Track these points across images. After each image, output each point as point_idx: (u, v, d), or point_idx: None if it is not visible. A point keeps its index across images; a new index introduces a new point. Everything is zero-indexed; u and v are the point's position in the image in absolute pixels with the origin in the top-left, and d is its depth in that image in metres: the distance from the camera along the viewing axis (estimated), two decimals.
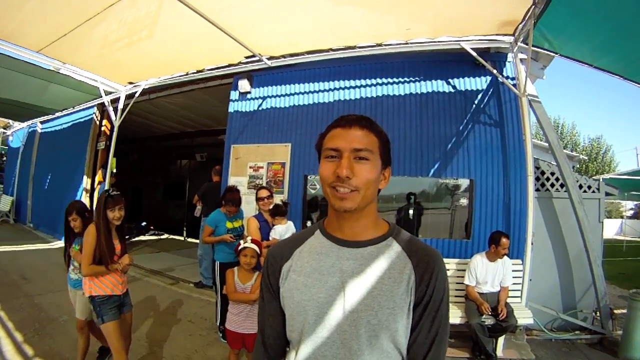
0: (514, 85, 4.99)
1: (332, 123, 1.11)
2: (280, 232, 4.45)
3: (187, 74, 6.66)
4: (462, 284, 4.60)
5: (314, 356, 1.04)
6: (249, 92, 6.77)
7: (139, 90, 7.26)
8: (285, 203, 4.69)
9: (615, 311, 5.17)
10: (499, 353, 4.37)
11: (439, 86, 5.65)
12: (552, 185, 5.46)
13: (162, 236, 12.95)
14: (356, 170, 1.01)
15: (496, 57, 5.39)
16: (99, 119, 9.91)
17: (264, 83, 6.72)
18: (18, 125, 13.83)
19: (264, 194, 4.63)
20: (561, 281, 5.40)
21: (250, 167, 6.54)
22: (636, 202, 28.20)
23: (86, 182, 9.85)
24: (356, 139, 1.03)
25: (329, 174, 1.03)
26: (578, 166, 23.56)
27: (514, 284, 4.62)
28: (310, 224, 5.87)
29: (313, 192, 6.01)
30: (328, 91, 6.22)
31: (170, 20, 4.73)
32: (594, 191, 5.51)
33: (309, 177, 6.04)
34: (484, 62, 4.98)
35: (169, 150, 15.21)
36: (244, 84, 6.66)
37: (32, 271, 6.81)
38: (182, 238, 12.60)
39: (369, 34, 5.02)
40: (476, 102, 5.46)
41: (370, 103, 5.92)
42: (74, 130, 10.74)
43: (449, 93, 5.60)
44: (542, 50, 4.75)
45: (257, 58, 5.78)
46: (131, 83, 7.41)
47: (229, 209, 4.56)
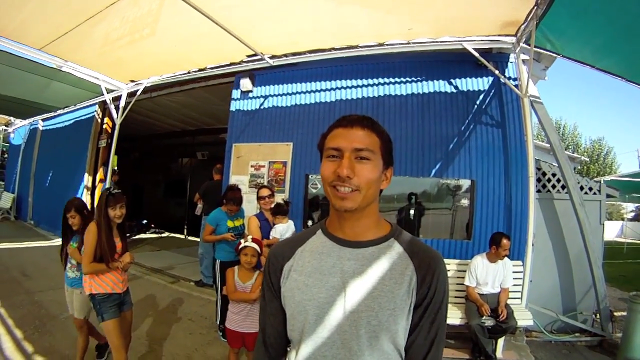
0: (516, 86, 4.99)
1: (333, 123, 1.11)
2: (281, 231, 4.45)
3: (189, 72, 6.66)
4: (463, 284, 4.59)
5: (314, 356, 1.04)
6: (251, 91, 6.77)
7: (141, 88, 7.26)
8: (286, 202, 4.69)
9: (615, 313, 5.17)
10: (499, 354, 4.36)
11: (441, 86, 5.65)
12: (554, 186, 5.45)
13: (163, 234, 12.94)
14: (357, 170, 1.01)
15: (498, 57, 5.38)
16: (100, 116, 9.93)
17: (265, 82, 6.72)
18: (19, 122, 13.86)
19: (265, 193, 4.63)
20: (561, 283, 5.40)
21: (252, 166, 6.54)
22: (637, 205, 28.18)
23: (87, 179, 9.87)
24: (357, 139, 1.03)
25: (330, 173, 1.03)
26: (579, 168, 23.57)
27: (514, 285, 4.61)
28: (311, 223, 5.88)
29: (314, 191, 6.00)
30: (330, 90, 6.22)
31: (172, 18, 4.73)
32: (595, 193, 5.51)
33: (310, 176, 6.04)
34: (486, 62, 4.97)
35: (170, 149, 15.22)
36: (245, 83, 6.66)
37: (33, 268, 6.82)
38: (182, 236, 12.58)
39: (370, 33, 5.01)
40: (478, 102, 5.46)
41: (371, 103, 5.92)
42: (76, 128, 10.76)
43: (450, 93, 5.60)
44: (544, 51, 4.73)
45: (259, 57, 5.77)
46: (133, 81, 7.42)
47: (230, 208, 4.56)
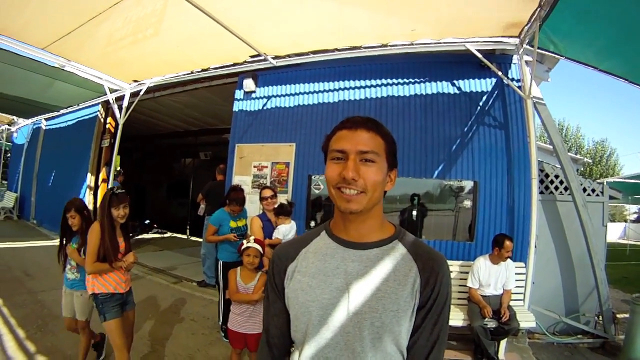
0: (519, 87, 4.99)
1: (338, 124, 1.11)
2: (284, 232, 4.46)
3: (192, 72, 6.67)
4: (465, 286, 4.58)
5: (317, 357, 1.04)
6: (254, 92, 6.78)
7: (144, 88, 7.27)
8: (290, 203, 4.70)
9: (618, 315, 5.17)
10: (501, 356, 4.35)
11: (444, 87, 5.64)
12: (556, 188, 5.44)
13: (166, 234, 12.98)
14: (362, 172, 1.01)
15: (501, 59, 5.38)
16: (103, 116, 9.95)
17: (268, 82, 6.72)
18: (23, 121, 13.90)
19: (267, 193, 4.64)
20: (564, 285, 5.39)
21: (255, 167, 6.55)
22: None
23: (90, 179, 9.88)
24: (362, 141, 1.03)
25: (335, 175, 1.03)
26: (582, 169, 23.53)
27: (516, 287, 4.60)
28: (314, 224, 5.88)
29: (317, 192, 6.00)
30: (333, 91, 6.22)
31: (176, 18, 4.74)
32: (597, 194, 5.49)
33: (313, 177, 6.04)
34: (489, 63, 4.96)
35: (173, 149, 15.25)
36: (248, 83, 6.66)
37: (36, 267, 6.83)
38: (185, 236, 12.61)
39: (374, 34, 5.02)
40: (481, 103, 5.45)
41: (375, 104, 5.91)
42: (79, 128, 10.78)
43: (453, 94, 5.59)
44: (547, 53, 4.72)
45: (262, 57, 5.78)
46: (136, 81, 7.43)
47: (232, 208, 4.57)
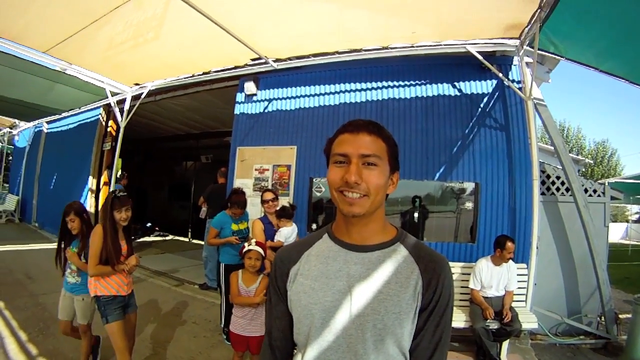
0: (520, 88, 4.99)
1: (340, 128, 1.11)
2: (286, 235, 4.47)
3: (193, 75, 6.69)
4: (467, 287, 4.58)
5: (319, 359, 1.04)
6: (255, 94, 6.78)
7: (145, 91, 7.28)
8: (292, 206, 4.71)
9: (620, 316, 5.14)
10: (503, 357, 4.34)
11: (445, 89, 5.65)
12: (558, 189, 5.44)
13: (167, 237, 12.99)
14: (365, 175, 1.02)
15: (502, 60, 5.37)
16: (104, 119, 9.97)
17: (270, 85, 6.73)
18: (24, 125, 13.94)
19: (268, 196, 4.65)
20: (566, 285, 5.38)
21: (256, 170, 6.55)
22: None
23: (92, 182, 9.89)
24: (364, 145, 1.04)
25: (338, 179, 1.04)
26: (583, 170, 23.50)
27: (518, 288, 4.60)
28: (315, 226, 5.89)
29: (318, 194, 6.01)
30: (334, 94, 6.22)
31: (176, 22, 4.76)
32: (599, 195, 5.49)
33: (314, 179, 6.04)
34: (489, 65, 4.96)
35: (174, 152, 15.26)
36: (249, 86, 6.68)
37: (37, 270, 6.84)
38: (187, 239, 12.62)
39: (374, 37, 5.03)
40: (482, 105, 5.45)
41: (375, 106, 5.92)
42: (80, 131, 10.81)
43: (454, 96, 5.59)
44: (547, 54, 4.73)
45: (263, 60, 5.79)
46: (137, 84, 7.45)
47: (234, 211, 4.58)
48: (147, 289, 6.28)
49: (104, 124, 9.98)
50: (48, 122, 12.58)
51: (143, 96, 7.33)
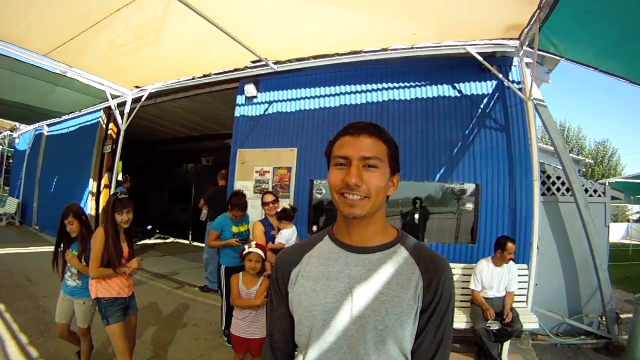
0: (520, 89, 4.99)
1: (340, 130, 1.12)
2: (287, 237, 4.47)
3: (193, 78, 6.70)
4: (468, 288, 4.58)
5: None
6: (255, 97, 6.79)
7: (145, 94, 7.29)
8: (293, 208, 4.71)
9: (621, 315, 5.14)
10: (504, 358, 4.34)
11: (445, 91, 5.65)
12: (558, 189, 5.44)
13: (168, 240, 12.97)
14: (365, 178, 1.02)
15: (502, 61, 5.38)
16: (105, 122, 9.98)
17: (270, 87, 6.74)
18: (25, 127, 13.96)
19: (269, 198, 4.65)
20: (567, 285, 5.37)
21: (256, 172, 6.55)
22: None
23: (92, 185, 9.89)
24: (365, 147, 1.04)
25: (338, 181, 1.04)
26: (584, 170, 23.49)
27: (519, 288, 4.60)
28: (316, 228, 5.89)
29: (319, 196, 6.01)
30: (334, 96, 6.23)
31: (177, 24, 4.76)
32: (599, 195, 5.48)
33: (314, 181, 6.04)
34: (489, 66, 4.97)
35: (174, 154, 15.26)
36: (250, 89, 6.68)
37: (38, 273, 6.82)
38: (187, 242, 12.62)
39: (374, 38, 5.03)
40: (482, 106, 5.46)
41: (376, 107, 5.92)
42: (81, 134, 10.81)
43: (454, 97, 5.60)
44: (547, 54, 4.73)
45: (263, 62, 5.80)
46: (137, 87, 7.45)
47: (234, 213, 4.57)
48: (148, 292, 6.27)
49: (104, 126, 9.99)
50: (49, 125, 12.58)
51: (143, 99, 7.34)
